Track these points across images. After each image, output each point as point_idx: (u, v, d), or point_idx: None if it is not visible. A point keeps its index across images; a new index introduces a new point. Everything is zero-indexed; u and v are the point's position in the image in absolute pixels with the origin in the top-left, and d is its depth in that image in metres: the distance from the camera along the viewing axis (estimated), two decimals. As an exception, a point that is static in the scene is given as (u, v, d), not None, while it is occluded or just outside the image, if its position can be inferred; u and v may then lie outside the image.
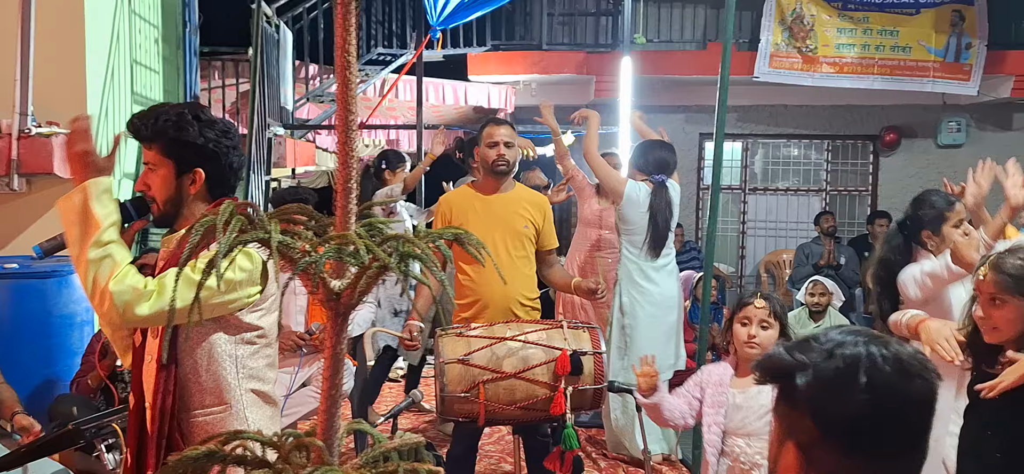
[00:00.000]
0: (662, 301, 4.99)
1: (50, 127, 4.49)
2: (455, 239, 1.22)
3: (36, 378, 4.22)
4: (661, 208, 4.97)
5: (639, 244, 4.98)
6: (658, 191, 4.99)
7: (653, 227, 4.95)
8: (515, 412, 3.46)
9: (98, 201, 2.11)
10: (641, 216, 4.96)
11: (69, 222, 2.12)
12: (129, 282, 2.06)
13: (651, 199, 4.97)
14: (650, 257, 4.98)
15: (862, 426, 1.17)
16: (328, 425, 1.25)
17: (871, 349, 1.20)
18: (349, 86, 1.20)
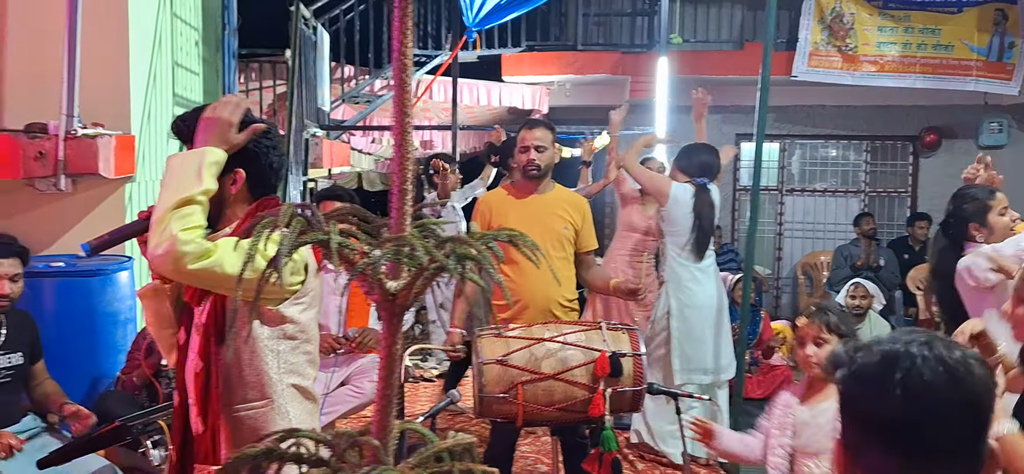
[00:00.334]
0: (707, 302, 4.96)
1: (95, 128, 4.55)
2: (509, 240, 1.23)
3: (81, 374, 4.28)
4: (705, 210, 4.96)
5: (683, 245, 4.96)
6: (701, 193, 4.98)
7: (698, 229, 4.94)
8: (553, 413, 3.45)
9: (208, 169, 2.14)
10: (686, 217, 4.96)
11: (173, 173, 2.15)
12: (198, 240, 2.08)
13: (695, 201, 4.96)
14: (694, 259, 4.96)
15: (898, 424, 1.16)
16: (383, 424, 1.26)
17: (912, 348, 1.19)
18: (405, 88, 1.22)
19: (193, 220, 2.09)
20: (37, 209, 4.78)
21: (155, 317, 2.43)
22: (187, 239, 2.05)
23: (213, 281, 2.11)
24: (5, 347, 3.52)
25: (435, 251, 1.12)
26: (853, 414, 1.20)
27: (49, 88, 4.53)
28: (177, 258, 2.05)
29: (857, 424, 1.19)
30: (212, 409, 2.19)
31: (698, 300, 4.94)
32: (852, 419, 1.20)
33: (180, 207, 2.08)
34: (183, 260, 2.05)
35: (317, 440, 1.31)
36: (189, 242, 2.05)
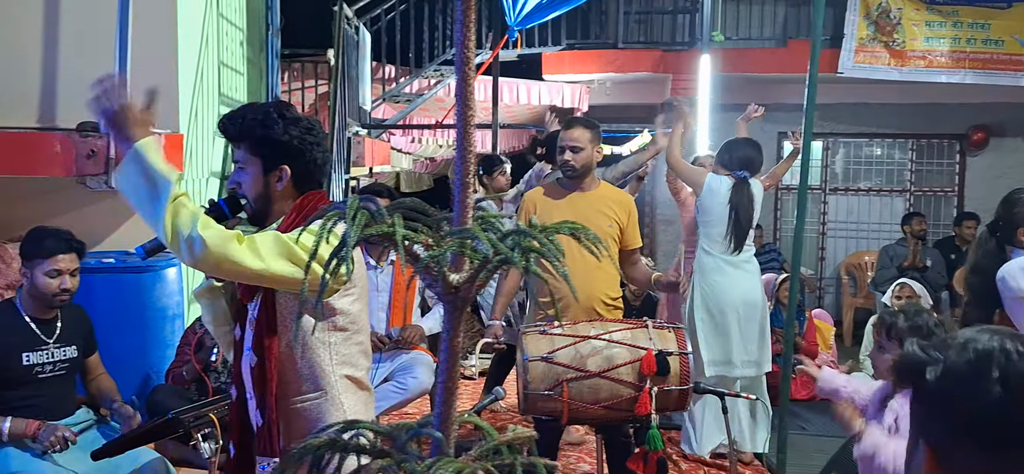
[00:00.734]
0: (740, 299, 4.91)
1: (145, 127, 4.62)
2: (571, 233, 1.23)
3: (131, 369, 4.34)
4: (743, 202, 4.92)
5: (717, 237, 4.94)
6: (739, 186, 4.95)
7: (735, 221, 4.91)
8: (598, 411, 3.46)
9: (157, 155, 2.11)
10: (721, 207, 4.93)
11: (133, 188, 2.11)
12: (214, 227, 2.08)
13: (731, 193, 4.94)
14: (731, 251, 4.92)
15: (998, 422, 1.14)
16: (445, 417, 1.26)
17: (1006, 344, 1.17)
18: (469, 82, 1.22)
19: (190, 211, 2.07)
20: (88, 206, 4.85)
21: (212, 315, 2.48)
22: (210, 233, 2.06)
23: (258, 274, 2.12)
24: (60, 340, 3.59)
25: (499, 244, 1.12)
26: (943, 414, 1.18)
27: (99, 87, 4.60)
28: (218, 256, 2.06)
29: (946, 424, 1.17)
30: (269, 402, 2.22)
31: (723, 292, 4.90)
32: (941, 419, 1.18)
33: (173, 207, 2.06)
34: (223, 251, 2.05)
35: (377, 432, 1.33)
36: (214, 234, 2.06)
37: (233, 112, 2.36)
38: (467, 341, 7.49)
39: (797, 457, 4.90)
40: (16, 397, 3.42)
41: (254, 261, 2.09)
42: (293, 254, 2.09)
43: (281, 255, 2.10)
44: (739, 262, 4.94)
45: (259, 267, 2.09)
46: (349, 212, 1.11)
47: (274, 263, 2.10)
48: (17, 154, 4.55)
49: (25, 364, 3.47)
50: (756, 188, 5.06)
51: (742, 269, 4.95)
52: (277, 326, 2.23)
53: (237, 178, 2.36)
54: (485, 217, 1.29)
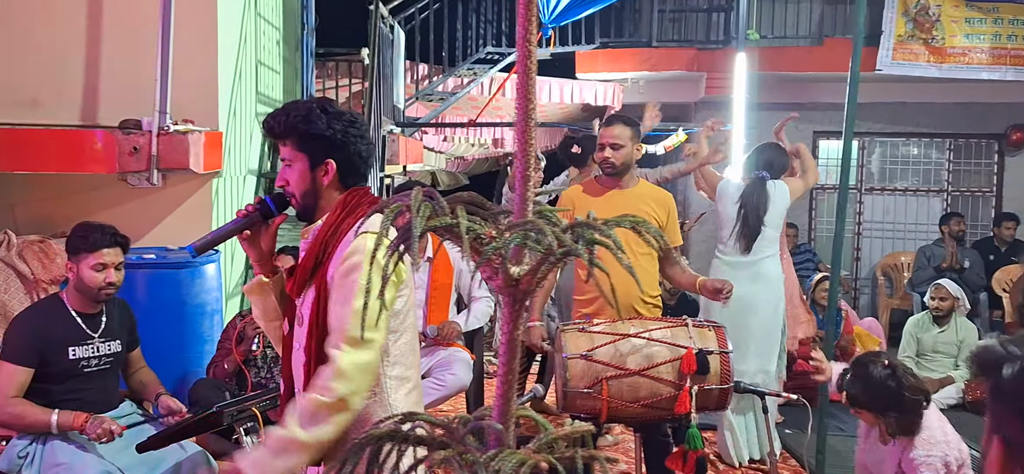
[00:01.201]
0: (747, 304, 4.75)
1: (186, 125, 4.68)
2: (633, 227, 1.23)
3: (170, 363, 4.38)
4: (752, 201, 4.86)
5: (726, 238, 4.91)
6: (753, 184, 4.91)
7: (742, 220, 4.86)
8: (638, 410, 3.44)
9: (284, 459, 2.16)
10: (732, 207, 4.91)
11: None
12: (343, 380, 2.13)
13: (742, 191, 4.90)
14: (740, 251, 4.87)
15: None
16: (504, 409, 1.27)
17: None
18: (530, 75, 1.22)
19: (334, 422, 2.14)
20: (129, 203, 4.93)
21: (262, 311, 2.49)
22: (350, 391, 2.13)
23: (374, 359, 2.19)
24: (105, 335, 3.64)
25: (563, 236, 1.12)
26: (1017, 411, 1.16)
27: (142, 86, 4.67)
28: (360, 398, 2.16)
29: (1020, 420, 1.16)
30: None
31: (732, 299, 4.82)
32: (1016, 415, 1.17)
33: (310, 439, 2.13)
34: (359, 388, 2.15)
35: (434, 424, 1.33)
36: (349, 391, 2.13)
37: (277, 110, 2.38)
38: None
39: (835, 459, 4.85)
40: (62, 391, 3.46)
41: (368, 349, 2.17)
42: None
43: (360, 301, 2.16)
44: (748, 264, 4.86)
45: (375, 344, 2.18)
46: (414, 203, 1.12)
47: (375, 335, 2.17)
48: (60, 151, 4.63)
49: (71, 358, 3.51)
50: (778, 189, 4.98)
51: (751, 272, 4.85)
52: (329, 327, 2.23)
53: (284, 176, 2.36)
54: (543, 210, 1.29)
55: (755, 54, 8.52)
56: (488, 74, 9.00)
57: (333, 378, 2.12)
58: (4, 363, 3.43)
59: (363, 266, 2.15)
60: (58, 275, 4.56)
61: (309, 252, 2.29)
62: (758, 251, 4.90)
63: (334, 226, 2.27)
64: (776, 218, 4.95)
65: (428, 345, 4.58)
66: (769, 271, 4.96)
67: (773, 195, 4.92)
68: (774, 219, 4.94)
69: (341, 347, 2.13)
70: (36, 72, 4.93)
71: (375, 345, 2.17)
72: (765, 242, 4.92)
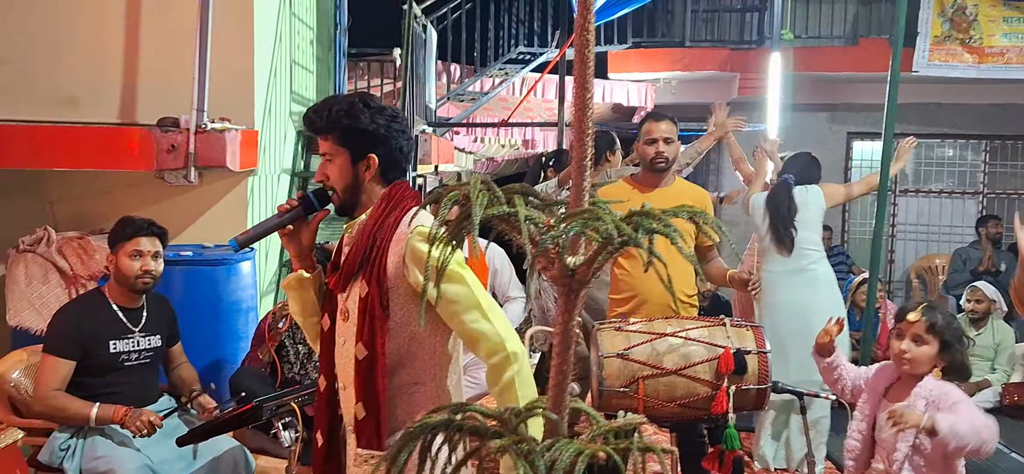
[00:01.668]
0: (795, 311, 4.69)
1: (222, 123, 4.71)
2: (691, 218, 1.22)
3: (206, 360, 4.41)
4: (775, 202, 4.83)
5: (767, 247, 4.88)
6: (777, 188, 4.88)
7: (771, 224, 4.83)
8: (674, 409, 3.42)
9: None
10: (764, 217, 4.88)
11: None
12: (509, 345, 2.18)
13: (767, 197, 4.87)
14: (780, 255, 4.82)
15: None
16: (558, 399, 1.26)
17: None
18: (586, 64, 1.21)
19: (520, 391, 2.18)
20: (165, 200, 4.97)
21: (300, 306, 2.49)
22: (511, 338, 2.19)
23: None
24: (145, 329, 3.68)
25: (623, 225, 1.11)
26: None
27: (180, 84, 4.71)
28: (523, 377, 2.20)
29: None
30: (376, 395, 2.22)
31: (778, 306, 4.77)
32: None
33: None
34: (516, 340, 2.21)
35: (487, 414, 1.32)
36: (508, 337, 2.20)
37: (318, 105, 2.37)
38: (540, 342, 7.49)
39: (871, 461, 4.80)
40: (103, 383, 3.50)
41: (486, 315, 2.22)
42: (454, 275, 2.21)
43: (472, 279, 2.23)
44: (799, 271, 4.81)
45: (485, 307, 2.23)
46: (473, 190, 1.11)
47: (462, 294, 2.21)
48: (99, 149, 4.68)
49: (112, 351, 3.56)
50: (810, 194, 4.93)
51: (804, 277, 4.79)
52: (390, 318, 2.24)
53: (324, 171, 2.36)
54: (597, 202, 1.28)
55: (789, 54, 8.47)
56: (520, 74, 8.99)
57: (506, 343, 2.17)
58: (47, 356, 3.48)
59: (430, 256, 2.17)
60: (96, 271, 4.61)
61: (356, 247, 2.29)
62: (803, 256, 4.82)
63: (381, 220, 2.27)
64: (812, 221, 4.89)
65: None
66: (823, 275, 4.88)
67: (804, 199, 4.86)
68: (809, 222, 4.87)
69: (486, 318, 2.19)
70: (75, 71, 4.99)
71: (497, 307, 2.25)
72: (807, 246, 4.84)
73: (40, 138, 4.65)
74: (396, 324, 2.25)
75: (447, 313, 2.21)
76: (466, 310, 2.18)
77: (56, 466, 3.46)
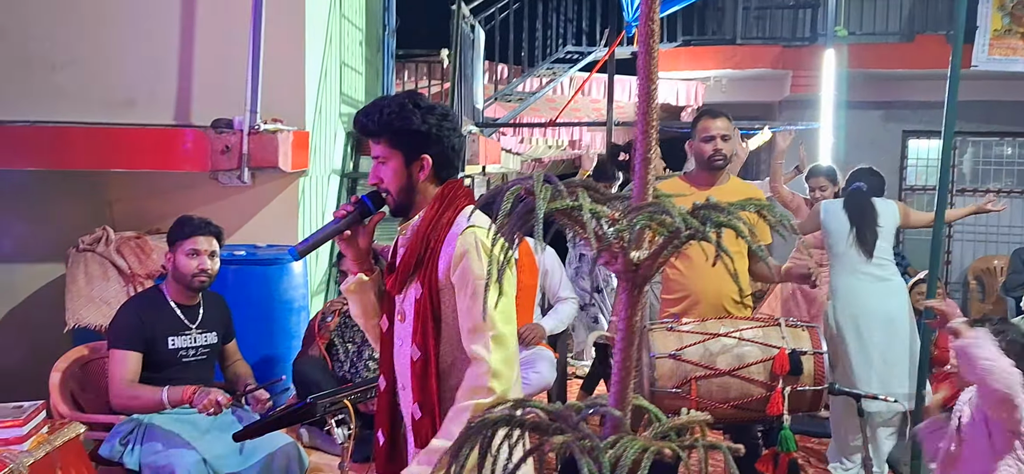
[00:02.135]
0: (882, 314, 4.61)
1: (275, 124, 4.76)
2: (758, 211, 1.19)
3: (258, 357, 4.46)
4: (857, 208, 4.74)
5: (842, 251, 4.75)
6: (853, 195, 4.79)
7: (856, 229, 4.73)
8: (728, 411, 3.37)
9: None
10: (842, 222, 4.77)
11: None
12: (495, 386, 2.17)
13: (845, 201, 4.80)
14: (861, 260, 4.71)
15: None
16: (622, 396, 1.24)
17: None
18: (651, 55, 1.20)
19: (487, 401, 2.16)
20: (219, 200, 5.03)
21: (361, 309, 2.50)
22: (503, 388, 2.17)
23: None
24: (202, 326, 3.74)
25: (690, 218, 1.09)
26: None
27: (233, 86, 4.77)
28: (511, 384, 2.20)
29: None
30: (430, 395, 2.23)
31: (861, 307, 4.67)
32: None
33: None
34: (508, 376, 2.19)
35: (548, 410, 1.31)
36: (502, 381, 2.17)
37: (368, 108, 2.36)
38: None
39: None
40: (162, 379, 3.56)
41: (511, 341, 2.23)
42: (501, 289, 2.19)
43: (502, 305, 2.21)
44: (876, 275, 4.71)
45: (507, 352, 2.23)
46: (537, 184, 1.10)
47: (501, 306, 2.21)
48: (155, 150, 4.76)
49: (171, 347, 3.63)
50: (886, 206, 4.86)
51: (882, 283, 4.69)
52: (442, 321, 2.24)
53: (377, 173, 2.36)
54: (660, 195, 1.26)
55: (843, 51, 8.32)
56: (567, 73, 8.97)
57: (490, 378, 2.15)
58: (115, 351, 3.56)
59: (479, 261, 2.17)
60: (153, 270, 4.69)
61: (411, 248, 2.29)
62: (882, 266, 4.72)
63: (434, 220, 2.27)
64: (888, 233, 4.81)
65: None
66: (901, 286, 4.83)
67: (880, 208, 4.79)
68: (886, 233, 4.80)
69: (488, 346, 2.16)
70: (132, 73, 5.08)
71: (513, 336, 2.21)
72: (885, 257, 4.75)
73: (98, 140, 4.75)
74: (446, 326, 2.26)
75: (463, 311, 2.22)
76: (478, 325, 2.18)
77: (116, 460, 3.51)
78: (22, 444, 2.86)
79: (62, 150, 4.71)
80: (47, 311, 4.93)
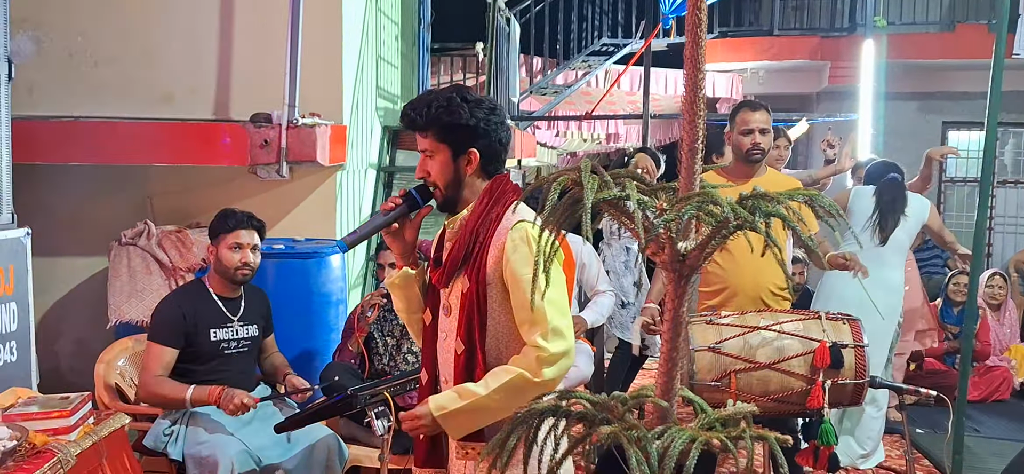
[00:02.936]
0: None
1: (313, 118, 4.80)
2: (806, 201, 1.19)
3: (297, 350, 4.50)
4: (890, 193, 4.79)
5: (858, 229, 4.79)
6: (889, 182, 4.87)
7: (880, 213, 4.77)
8: (767, 404, 3.35)
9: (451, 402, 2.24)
10: (868, 206, 4.82)
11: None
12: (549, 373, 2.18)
13: (878, 187, 4.87)
14: (874, 241, 4.72)
15: None
16: (667, 386, 1.24)
17: None
18: (699, 41, 1.19)
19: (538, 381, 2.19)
20: (258, 194, 5.08)
21: (405, 303, 2.52)
22: (552, 374, 2.18)
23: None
24: (243, 319, 3.79)
25: (739, 208, 1.09)
26: None
27: (271, 81, 4.82)
28: (562, 369, 2.21)
29: None
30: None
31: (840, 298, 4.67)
32: None
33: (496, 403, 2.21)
34: (562, 363, 2.20)
35: (593, 401, 1.31)
36: (552, 367, 2.18)
37: (416, 102, 2.36)
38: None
39: (970, 460, 4.68)
40: (206, 371, 3.62)
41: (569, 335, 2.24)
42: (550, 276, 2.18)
43: (554, 292, 2.22)
44: (877, 262, 4.69)
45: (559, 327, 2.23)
46: (584, 173, 1.10)
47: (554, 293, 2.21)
48: (195, 144, 4.82)
49: (213, 340, 3.68)
50: (917, 199, 4.92)
51: (878, 274, 4.70)
52: (488, 315, 2.25)
53: (425, 167, 2.36)
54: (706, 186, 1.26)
55: (882, 41, 8.22)
56: (603, 67, 8.94)
57: (545, 365, 2.16)
58: (151, 344, 3.61)
59: (531, 255, 2.17)
60: (194, 263, 4.75)
61: (458, 242, 2.29)
62: (886, 258, 4.77)
63: (483, 215, 2.27)
64: (911, 225, 4.80)
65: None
66: (892, 280, 4.86)
67: (911, 200, 4.77)
68: (909, 226, 4.79)
69: (547, 337, 2.17)
70: (172, 70, 5.14)
71: (569, 329, 2.22)
72: (896, 248, 4.81)
73: (140, 135, 4.81)
74: (492, 320, 2.26)
75: (518, 306, 2.22)
76: (537, 318, 2.19)
77: (160, 451, 3.59)
78: (69, 434, 2.91)
79: (104, 145, 4.77)
80: (91, 304, 5.02)
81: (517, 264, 2.20)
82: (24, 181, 4.11)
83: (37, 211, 4.51)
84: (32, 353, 3.79)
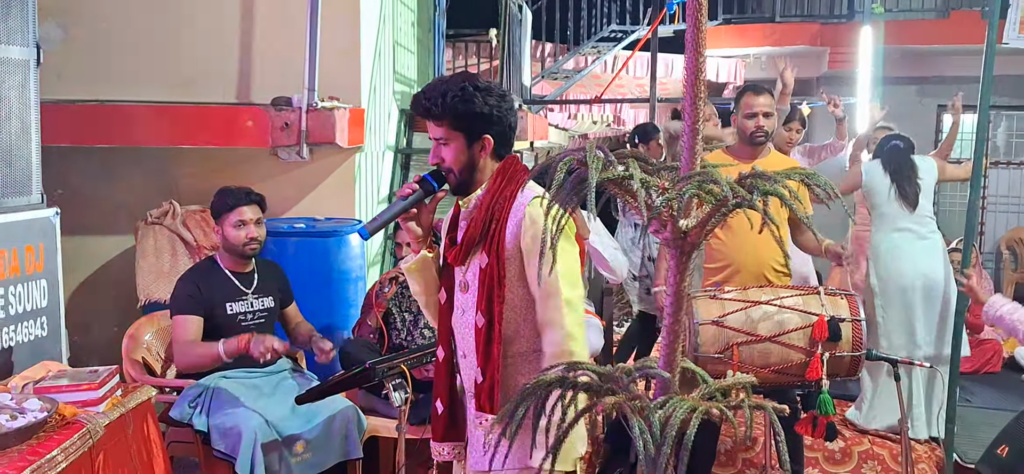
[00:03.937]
0: (921, 275, 4.81)
1: (332, 101, 4.96)
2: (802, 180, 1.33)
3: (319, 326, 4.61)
4: (896, 162, 4.91)
5: (884, 205, 4.90)
6: (891, 150, 4.98)
7: (897, 183, 4.89)
8: (768, 376, 3.50)
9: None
10: (883, 179, 4.93)
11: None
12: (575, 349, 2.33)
13: (884, 157, 4.97)
14: (904, 211, 4.86)
15: None
16: (670, 359, 1.39)
17: None
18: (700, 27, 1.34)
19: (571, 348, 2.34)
20: (279, 176, 5.24)
21: (423, 286, 2.62)
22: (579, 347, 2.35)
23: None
24: (257, 291, 3.96)
25: (738, 186, 1.23)
26: None
27: (291, 65, 4.97)
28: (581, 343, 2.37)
29: None
30: (493, 361, 2.36)
31: (900, 271, 4.82)
32: None
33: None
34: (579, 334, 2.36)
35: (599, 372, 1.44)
36: (575, 335, 2.34)
37: (428, 91, 2.44)
38: (618, 313, 7.60)
39: (962, 429, 4.82)
40: (226, 343, 3.79)
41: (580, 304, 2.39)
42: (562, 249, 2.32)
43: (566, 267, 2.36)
44: (918, 232, 4.84)
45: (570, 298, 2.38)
46: (589, 153, 1.25)
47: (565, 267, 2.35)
48: (219, 127, 4.97)
49: (230, 313, 3.86)
50: (924, 162, 4.99)
51: (922, 242, 4.86)
52: (506, 288, 2.37)
53: (439, 154, 2.46)
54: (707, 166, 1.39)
55: (879, 28, 8.33)
56: (612, 52, 9.06)
57: (570, 341, 2.33)
58: (177, 316, 3.79)
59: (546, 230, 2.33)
60: (217, 243, 4.91)
61: (475, 221, 2.42)
62: (923, 223, 4.92)
63: (498, 193, 2.40)
64: (928, 190, 4.95)
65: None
66: (941, 245, 5.00)
67: (919, 163, 4.92)
68: (926, 190, 4.93)
69: (561, 310, 2.32)
70: (195, 54, 5.29)
71: (581, 300, 2.37)
72: (926, 214, 4.95)
73: (165, 118, 4.97)
74: (510, 293, 2.39)
75: (533, 278, 2.36)
76: (553, 292, 2.33)
77: (186, 422, 3.73)
78: (98, 406, 3.00)
79: (130, 127, 4.92)
80: (119, 281, 5.20)
81: (535, 236, 2.33)
82: (52, 163, 4.22)
83: (65, 191, 4.64)
84: (62, 328, 3.88)
